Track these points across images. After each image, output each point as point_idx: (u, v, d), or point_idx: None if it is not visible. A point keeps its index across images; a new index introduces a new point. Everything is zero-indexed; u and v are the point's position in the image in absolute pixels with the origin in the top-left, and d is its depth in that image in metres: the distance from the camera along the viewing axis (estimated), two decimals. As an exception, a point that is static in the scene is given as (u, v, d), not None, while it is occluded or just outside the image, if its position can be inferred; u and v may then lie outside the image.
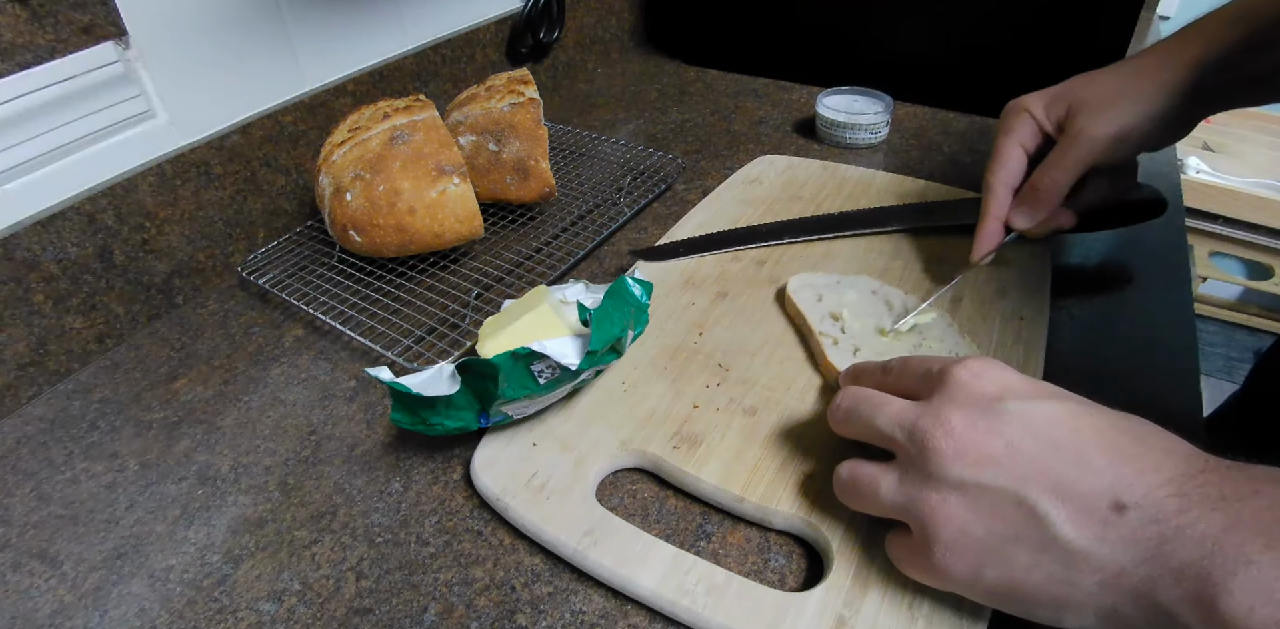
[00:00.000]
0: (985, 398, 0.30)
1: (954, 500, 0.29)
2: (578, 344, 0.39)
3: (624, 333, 0.41)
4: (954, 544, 0.29)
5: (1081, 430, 0.29)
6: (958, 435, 0.30)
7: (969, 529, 0.29)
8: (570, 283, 0.48)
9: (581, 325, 0.43)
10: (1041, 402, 0.30)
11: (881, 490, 0.32)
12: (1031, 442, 0.29)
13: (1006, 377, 0.31)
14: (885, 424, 0.33)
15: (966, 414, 0.30)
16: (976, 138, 0.76)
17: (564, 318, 0.44)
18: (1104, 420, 0.29)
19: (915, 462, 0.31)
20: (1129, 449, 0.28)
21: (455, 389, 0.38)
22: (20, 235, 0.46)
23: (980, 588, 0.29)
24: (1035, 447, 0.28)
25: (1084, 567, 0.26)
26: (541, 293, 0.46)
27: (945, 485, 0.29)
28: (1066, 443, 0.28)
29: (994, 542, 0.28)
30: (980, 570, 0.29)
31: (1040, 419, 0.29)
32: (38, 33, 0.44)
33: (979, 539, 0.29)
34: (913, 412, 0.32)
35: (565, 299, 0.46)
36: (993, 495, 0.28)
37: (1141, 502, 0.26)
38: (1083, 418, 0.29)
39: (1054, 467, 0.28)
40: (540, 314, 0.44)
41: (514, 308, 0.46)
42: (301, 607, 0.36)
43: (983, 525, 0.29)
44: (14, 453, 0.45)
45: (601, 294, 0.44)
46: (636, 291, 0.44)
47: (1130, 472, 0.27)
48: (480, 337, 0.45)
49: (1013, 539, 0.28)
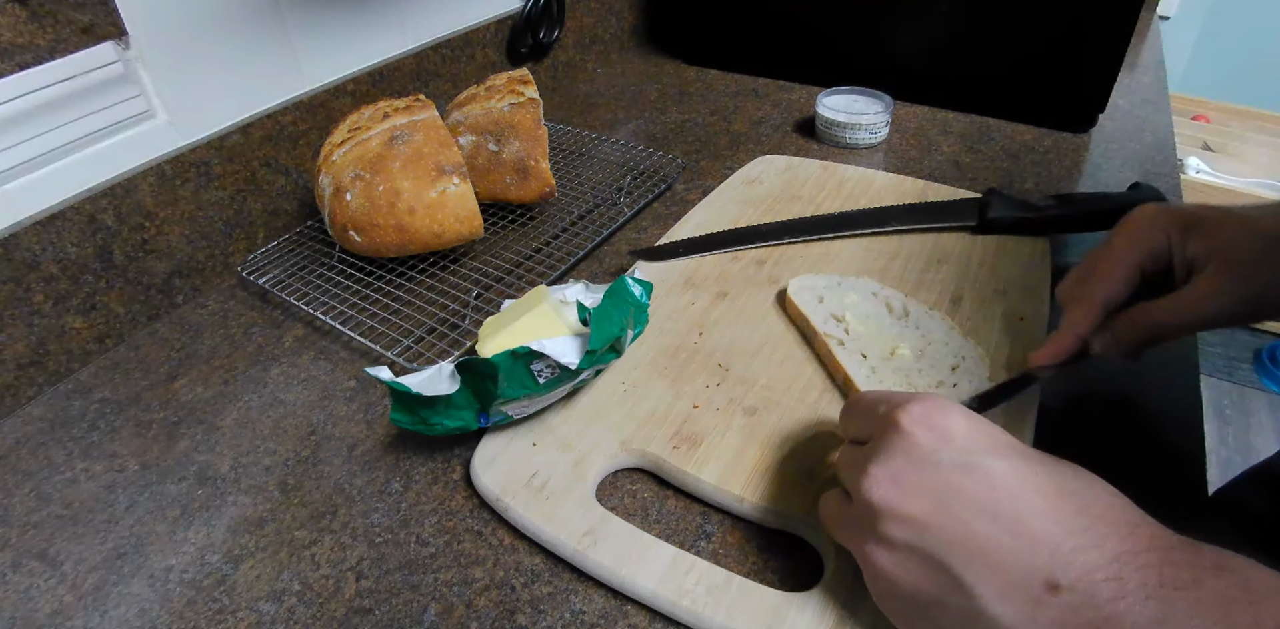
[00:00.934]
0: (921, 449, 0.29)
1: (883, 556, 0.28)
2: (577, 343, 0.39)
3: (623, 332, 0.41)
4: (884, 596, 0.29)
5: (1021, 496, 0.26)
6: (885, 489, 0.28)
7: (897, 586, 0.28)
8: (570, 283, 0.48)
9: (581, 325, 0.43)
10: (984, 457, 0.28)
11: (838, 528, 0.32)
12: (964, 502, 0.27)
13: (953, 424, 0.29)
14: (836, 464, 0.33)
15: (898, 466, 0.29)
16: (976, 138, 0.76)
17: (564, 318, 0.44)
18: (1048, 482, 0.27)
19: (856, 509, 0.30)
20: (1070, 520, 0.26)
21: (455, 388, 0.38)
22: (20, 235, 0.46)
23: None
24: (968, 510, 0.27)
25: None
26: (541, 293, 0.46)
27: (875, 539, 0.29)
28: (1004, 508, 0.26)
29: (920, 603, 0.28)
30: (911, 623, 0.29)
31: (979, 477, 0.27)
32: (38, 33, 0.44)
33: (906, 597, 0.28)
34: (850, 459, 0.31)
35: (565, 299, 0.46)
36: (919, 558, 0.27)
37: (1075, 584, 0.24)
38: (1026, 478, 0.27)
39: (987, 535, 0.26)
40: (540, 314, 0.44)
41: (514, 308, 0.46)
42: (301, 607, 0.36)
43: (910, 584, 0.28)
44: (14, 453, 0.45)
45: (601, 294, 0.44)
46: (636, 292, 0.44)
47: (1069, 547, 0.25)
48: (480, 336, 0.45)
49: (938, 604, 0.27)
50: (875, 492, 0.28)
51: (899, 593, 0.28)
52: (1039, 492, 0.26)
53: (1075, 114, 0.76)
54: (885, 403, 0.31)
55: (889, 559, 0.28)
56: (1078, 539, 0.25)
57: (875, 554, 0.29)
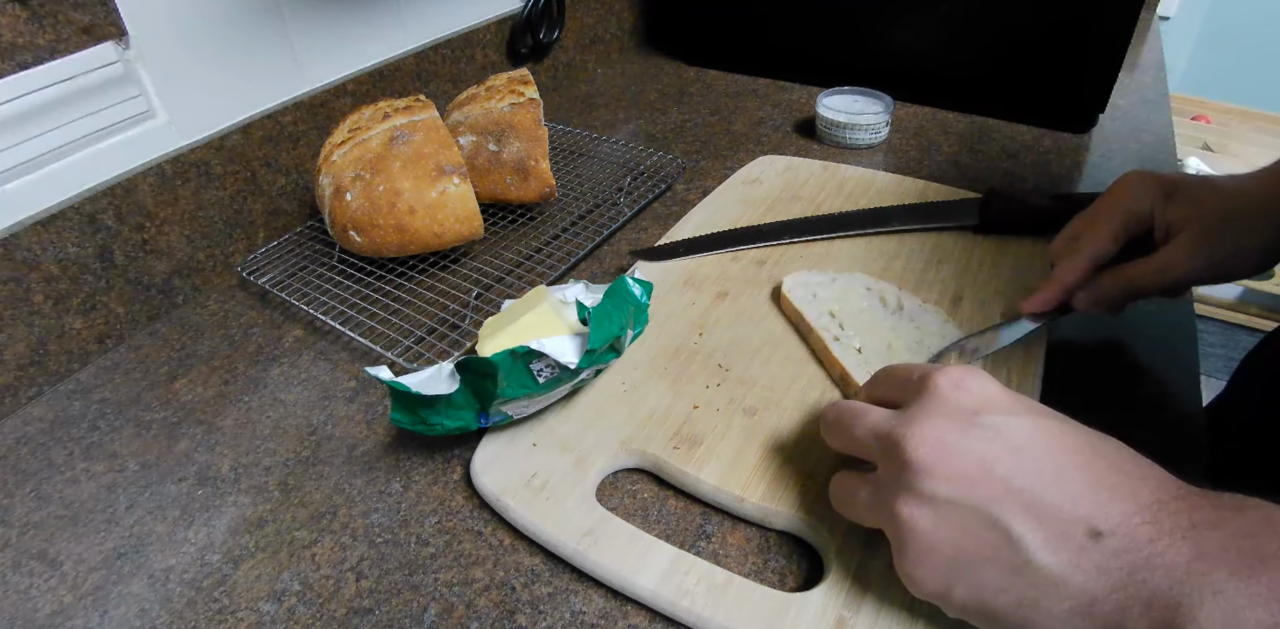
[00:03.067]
0: (963, 410, 0.30)
1: (924, 515, 0.29)
2: (577, 343, 0.39)
3: (623, 332, 0.41)
4: (922, 559, 0.29)
5: (1059, 451, 0.28)
6: (930, 448, 0.29)
7: (937, 545, 0.28)
8: (570, 283, 0.48)
9: (581, 325, 0.43)
10: (1021, 417, 0.29)
11: (860, 499, 0.32)
12: (1008, 460, 0.28)
13: (988, 388, 0.31)
14: (863, 434, 0.33)
15: (941, 426, 0.29)
16: (976, 138, 0.76)
17: (564, 318, 0.44)
18: (1081, 441, 0.29)
19: (890, 472, 0.30)
20: (1105, 474, 0.27)
21: (455, 388, 0.38)
22: (20, 235, 0.46)
23: (950, 603, 0.29)
24: (1011, 465, 0.28)
25: (1057, 593, 0.26)
26: (541, 293, 0.46)
27: (916, 498, 0.29)
28: (1045, 464, 0.28)
29: (963, 560, 0.28)
30: (950, 586, 0.28)
31: (1018, 436, 0.28)
32: (38, 33, 0.44)
33: (948, 557, 0.28)
34: (889, 421, 0.31)
35: (565, 299, 0.46)
36: (963, 513, 0.28)
37: (1116, 529, 0.26)
38: (1061, 437, 0.29)
39: (1030, 488, 0.27)
40: (540, 314, 0.44)
41: (514, 308, 0.46)
42: (301, 607, 0.36)
43: (952, 543, 0.28)
44: (14, 453, 0.45)
45: (601, 294, 0.44)
46: (636, 291, 0.44)
47: (1107, 497, 0.26)
48: (480, 337, 0.45)
49: (984, 560, 0.27)
50: (921, 450, 0.29)
51: (940, 552, 0.28)
52: (1075, 449, 0.28)
53: (1075, 114, 0.76)
54: (919, 370, 0.33)
55: (931, 518, 0.28)
56: (1113, 491, 0.27)
57: (916, 514, 0.29)
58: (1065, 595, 0.26)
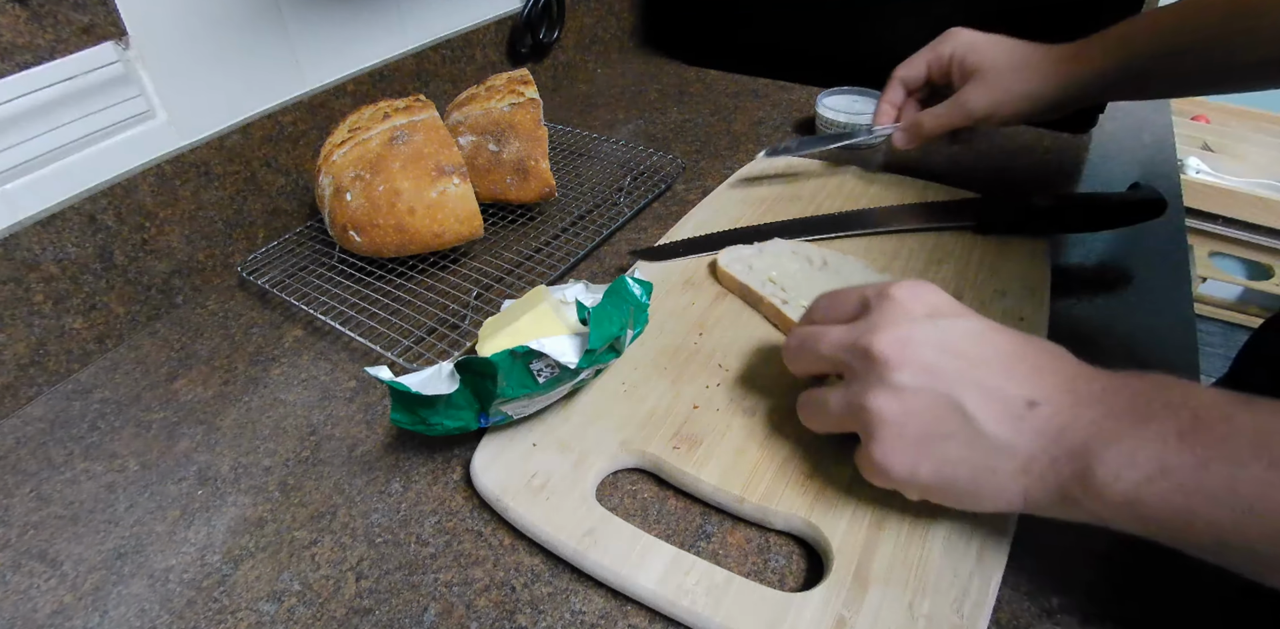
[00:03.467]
0: (918, 314, 0.35)
1: (892, 404, 0.33)
2: (577, 343, 0.39)
3: (623, 332, 0.41)
4: (892, 443, 0.33)
5: (1001, 344, 0.33)
6: (897, 345, 0.33)
7: (905, 429, 0.33)
8: (570, 283, 0.48)
9: (581, 324, 0.43)
10: (968, 319, 0.35)
11: (831, 405, 0.36)
12: (960, 352, 0.33)
13: (937, 297, 0.36)
14: (828, 348, 0.37)
15: (904, 328, 0.34)
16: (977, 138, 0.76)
17: (564, 318, 0.44)
18: (1017, 337, 0.34)
19: (859, 372, 0.35)
20: (1036, 358, 0.33)
21: (455, 388, 0.38)
22: (20, 235, 0.46)
23: (915, 483, 0.33)
24: (964, 357, 0.33)
25: (1003, 456, 0.31)
26: (541, 293, 0.46)
27: (886, 390, 0.33)
28: (990, 353, 0.33)
29: (927, 439, 0.32)
30: (916, 466, 0.33)
31: (966, 334, 0.34)
32: (38, 33, 0.44)
33: (915, 438, 0.33)
34: (854, 331, 0.36)
35: (565, 299, 0.46)
36: (927, 398, 0.32)
37: (1048, 399, 0.31)
38: (1001, 334, 0.34)
39: (980, 373, 0.32)
40: (540, 314, 0.44)
41: (514, 308, 0.46)
42: (301, 607, 0.36)
43: (919, 425, 0.32)
44: (14, 453, 0.45)
45: (601, 294, 0.44)
46: (636, 291, 0.44)
47: (1038, 376, 0.32)
48: (480, 337, 0.45)
49: (944, 436, 0.32)
50: (889, 348, 0.33)
51: (907, 436, 0.33)
52: (1012, 341, 0.34)
53: (1075, 114, 0.76)
54: (870, 287, 0.37)
55: (899, 406, 0.33)
56: (1042, 371, 0.32)
57: (885, 404, 0.33)
58: (1010, 457, 0.31)
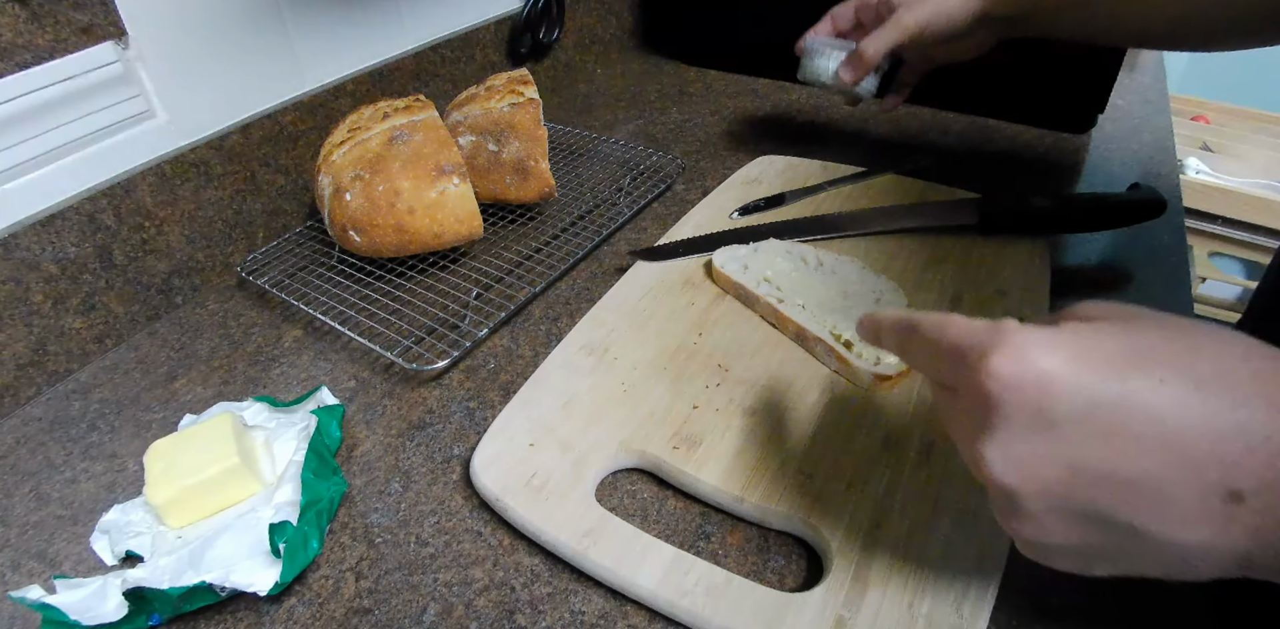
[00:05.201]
0: (1025, 415, 0.25)
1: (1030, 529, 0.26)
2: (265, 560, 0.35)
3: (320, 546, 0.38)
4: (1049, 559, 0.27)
5: (1158, 418, 0.23)
6: (1005, 473, 0.25)
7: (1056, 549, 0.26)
8: (249, 402, 0.45)
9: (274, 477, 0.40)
10: (1096, 394, 0.24)
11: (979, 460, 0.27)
12: (1102, 454, 0.24)
13: (1043, 369, 0.24)
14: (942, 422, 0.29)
15: (1009, 444, 0.25)
16: (976, 138, 0.76)
17: (256, 465, 0.40)
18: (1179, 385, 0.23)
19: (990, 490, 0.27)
20: (1222, 417, 0.23)
21: (122, 615, 0.34)
22: (20, 235, 0.46)
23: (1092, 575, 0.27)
24: (1108, 459, 0.24)
25: (1204, 559, 0.23)
26: (226, 424, 0.41)
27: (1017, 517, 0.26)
28: (1148, 444, 0.23)
29: (1090, 554, 0.26)
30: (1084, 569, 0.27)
31: (1104, 421, 0.24)
32: (37, 33, 0.44)
33: (1073, 552, 0.26)
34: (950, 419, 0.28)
35: (248, 423, 0.43)
36: (1068, 518, 0.25)
37: (1259, 488, 0.22)
38: (1154, 396, 0.23)
39: (1140, 475, 0.23)
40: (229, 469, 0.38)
41: (193, 433, 0.41)
42: (301, 607, 0.36)
43: (1072, 546, 0.26)
44: (14, 453, 0.45)
45: (286, 416, 0.42)
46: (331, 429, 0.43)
47: (1236, 449, 0.22)
48: (148, 472, 0.39)
49: (1114, 552, 0.25)
50: (997, 477, 0.26)
51: (1064, 552, 0.26)
52: (1175, 401, 0.23)
53: (1075, 114, 0.76)
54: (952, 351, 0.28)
55: (1036, 530, 0.26)
56: (1239, 438, 0.22)
57: (1022, 530, 0.26)
58: (1216, 557, 0.23)
